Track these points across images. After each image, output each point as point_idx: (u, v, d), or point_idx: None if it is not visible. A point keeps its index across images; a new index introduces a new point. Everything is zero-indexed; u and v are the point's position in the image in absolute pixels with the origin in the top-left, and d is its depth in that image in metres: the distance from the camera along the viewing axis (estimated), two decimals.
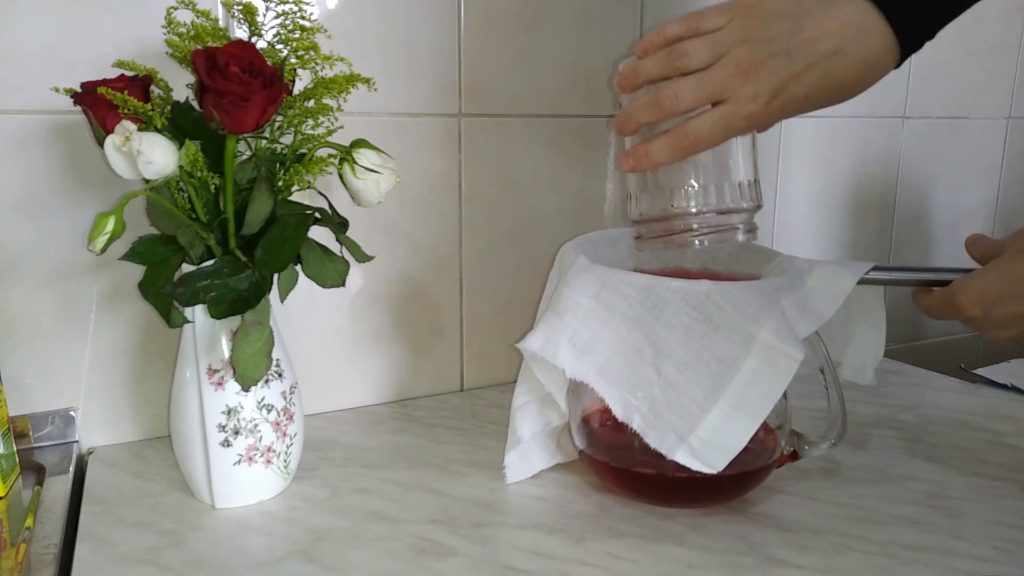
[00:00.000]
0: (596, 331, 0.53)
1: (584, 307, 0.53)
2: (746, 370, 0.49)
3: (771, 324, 0.49)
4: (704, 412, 0.49)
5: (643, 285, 0.52)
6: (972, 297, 0.51)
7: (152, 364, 0.68)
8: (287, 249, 0.53)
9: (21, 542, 0.50)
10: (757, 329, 0.49)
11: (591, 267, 0.54)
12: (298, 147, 0.56)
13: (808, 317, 0.53)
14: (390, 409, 0.77)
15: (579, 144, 0.84)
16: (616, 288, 0.52)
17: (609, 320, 0.52)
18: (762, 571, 0.49)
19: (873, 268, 0.56)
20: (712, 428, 0.49)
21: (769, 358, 0.49)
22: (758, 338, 0.49)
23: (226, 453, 0.55)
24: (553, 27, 0.80)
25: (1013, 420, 0.75)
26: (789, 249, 1.01)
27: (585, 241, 0.61)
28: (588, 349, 0.52)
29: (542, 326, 0.54)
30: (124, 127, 0.48)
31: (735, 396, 0.49)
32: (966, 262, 0.58)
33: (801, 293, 0.54)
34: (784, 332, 0.50)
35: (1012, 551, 0.51)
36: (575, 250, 0.58)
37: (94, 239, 0.50)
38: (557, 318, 0.53)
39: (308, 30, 0.53)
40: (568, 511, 0.56)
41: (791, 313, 0.52)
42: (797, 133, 0.98)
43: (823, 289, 0.54)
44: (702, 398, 0.50)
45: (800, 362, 0.49)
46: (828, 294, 0.54)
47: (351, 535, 0.53)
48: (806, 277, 0.55)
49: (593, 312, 0.53)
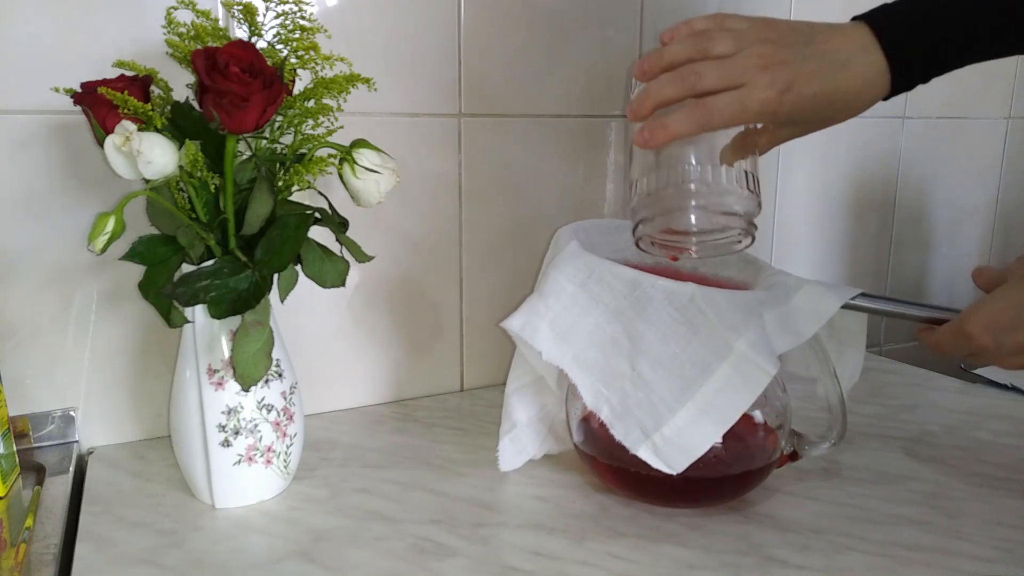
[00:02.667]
0: (577, 318, 0.53)
1: (569, 293, 0.54)
2: (718, 377, 0.50)
3: (749, 336, 0.50)
4: (671, 412, 0.50)
5: (630, 279, 0.53)
6: (982, 326, 0.51)
7: (152, 364, 0.68)
8: (287, 249, 0.53)
9: (21, 542, 0.50)
10: (735, 338, 0.50)
11: (582, 254, 0.55)
12: (298, 147, 0.56)
13: (788, 334, 0.53)
14: (390, 409, 0.77)
15: (579, 144, 0.84)
16: (603, 278, 0.53)
17: (592, 309, 0.53)
18: (762, 571, 0.49)
19: (860, 295, 0.56)
20: (677, 429, 0.50)
21: (742, 368, 0.50)
22: (735, 348, 0.50)
23: (226, 453, 0.55)
24: (553, 27, 0.80)
25: (1013, 420, 0.75)
26: (789, 249, 1.02)
27: (580, 227, 0.62)
28: (567, 335, 0.53)
29: (525, 307, 0.55)
30: (124, 127, 0.48)
31: (704, 401, 0.50)
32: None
33: (785, 309, 0.54)
34: (761, 345, 0.50)
35: (1012, 551, 0.51)
36: (569, 235, 0.59)
37: (94, 239, 0.50)
38: (541, 300, 0.54)
39: (308, 30, 0.53)
40: (568, 511, 0.56)
41: (772, 328, 0.52)
42: None
43: (807, 308, 0.54)
44: (672, 398, 0.50)
45: (772, 376, 0.49)
46: (811, 314, 0.54)
47: (351, 535, 0.53)
48: (792, 294, 0.55)
49: (577, 299, 0.53)
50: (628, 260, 0.56)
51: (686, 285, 0.51)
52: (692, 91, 0.50)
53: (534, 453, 0.63)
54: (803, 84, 0.49)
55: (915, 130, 1.08)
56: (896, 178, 1.09)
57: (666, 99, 0.50)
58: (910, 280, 1.14)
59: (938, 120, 1.10)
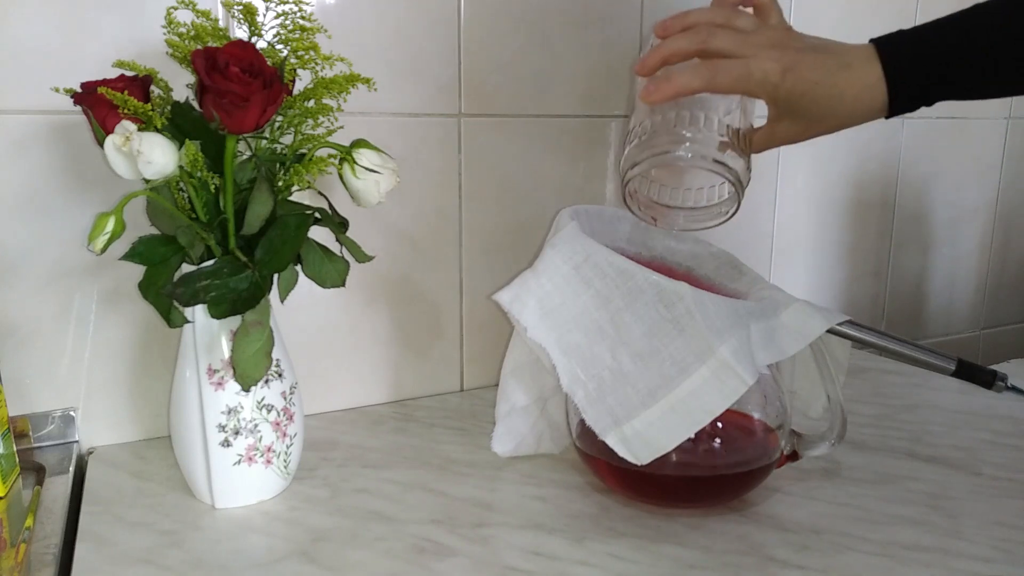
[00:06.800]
0: (567, 299, 0.54)
1: (562, 273, 0.54)
2: (695, 379, 0.50)
3: (733, 343, 0.50)
4: (644, 407, 0.51)
5: (624, 269, 0.53)
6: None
7: (152, 364, 0.68)
8: (287, 249, 0.53)
9: (21, 542, 0.50)
10: (719, 344, 0.50)
11: (582, 237, 0.55)
12: (298, 147, 0.56)
13: (771, 349, 0.54)
14: (390, 409, 0.77)
15: (579, 144, 0.84)
16: (598, 264, 0.54)
17: (582, 292, 0.54)
18: (762, 571, 0.49)
19: (847, 322, 0.56)
20: (647, 423, 0.50)
21: (720, 374, 0.50)
22: (716, 352, 0.50)
23: (226, 453, 0.55)
24: (553, 27, 0.80)
25: (1013, 420, 0.75)
26: (789, 249, 1.02)
27: (583, 210, 0.62)
28: (553, 314, 0.54)
29: (517, 281, 0.55)
30: (124, 127, 0.48)
31: (677, 400, 0.50)
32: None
33: (772, 324, 0.54)
34: (743, 354, 0.50)
35: (1012, 551, 0.51)
36: (571, 216, 0.59)
37: (94, 239, 0.50)
38: (534, 277, 0.55)
39: (308, 30, 0.53)
40: (568, 511, 0.56)
41: (756, 339, 0.53)
42: None
43: (793, 326, 0.54)
44: (647, 393, 0.51)
45: (748, 387, 0.50)
46: (796, 333, 0.54)
47: (351, 535, 0.53)
48: (781, 310, 0.55)
49: (570, 280, 0.54)
50: (625, 252, 0.57)
51: (679, 284, 0.52)
52: (702, 47, 0.52)
53: (532, 444, 0.63)
54: (806, 69, 0.51)
55: (915, 130, 1.08)
56: (896, 178, 1.09)
57: (677, 51, 0.52)
58: (910, 280, 1.14)
59: (938, 120, 1.10)
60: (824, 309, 0.56)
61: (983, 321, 1.24)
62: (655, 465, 0.51)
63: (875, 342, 0.58)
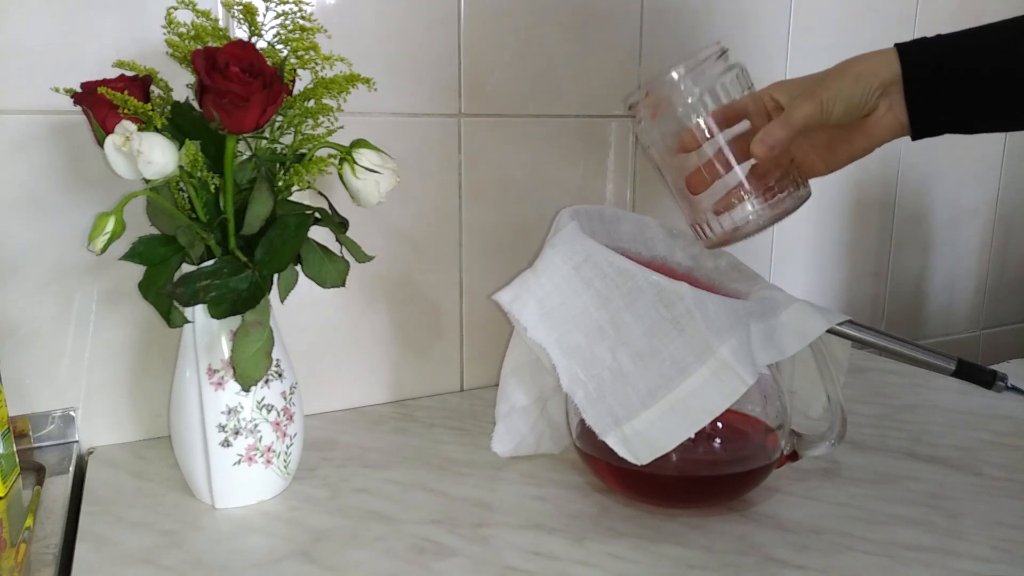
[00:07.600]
0: (567, 299, 0.54)
1: (562, 273, 0.54)
2: (695, 379, 0.50)
3: (733, 343, 0.50)
4: (644, 407, 0.51)
5: (624, 269, 0.53)
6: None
7: (152, 364, 0.68)
8: (287, 249, 0.53)
9: (21, 542, 0.50)
10: (719, 344, 0.50)
11: (582, 237, 0.55)
12: (298, 147, 0.56)
13: (770, 349, 0.54)
14: (390, 409, 0.77)
15: (579, 144, 0.84)
16: (598, 264, 0.54)
17: (582, 292, 0.54)
18: (762, 571, 0.49)
19: (847, 322, 0.56)
20: (647, 423, 0.50)
21: (720, 374, 0.50)
22: (716, 353, 0.50)
23: (226, 453, 0.55)
24: (553, 27, 0.80)
25: (1013, 420, 0.75)
26: (789, 249, 1.02)
27: (583, 210, 0.62)
28: (554, 314, 0.54)
29: (517, 281, 0.55)
30: (124, 127, 0.48)
31: (677, 400, 0.50)
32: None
33: (772, 324, 0.54)
34: (742, 355, 0.50)
35: (1012, 551, 0.51)
36: (571, 216, 0.59)
37: (94, 239, 0.50)
38: (534, 277, 0.55)
39: (308, 30, 0.53)
40: (568, 511, 0.56)
41: (756, 339, 0.53)
42: None
43: (793, 326, 0.54)
44: (647, 393, 0.51)
45: (748, 386, 0.50)
46: (796, 333, 0.54)
47: (351, 535, 0.53)
48: (781, 310, 0.55)
49: (570, 280, 0.54)
50: (625, 252, 0.57)
51: (679, 284, 0.52)
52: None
53: (532, 444, 0.63)
54: (826, 88, 0.55)
55: None
56: (896, 178, 1.09)
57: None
58: (910, 280, 1.14)
59: None
60: (824, 309, 0.56)
61: (983, 321, 1.24)
62: (655, 465, 0.51)
63: (875, 342, 0.58)
